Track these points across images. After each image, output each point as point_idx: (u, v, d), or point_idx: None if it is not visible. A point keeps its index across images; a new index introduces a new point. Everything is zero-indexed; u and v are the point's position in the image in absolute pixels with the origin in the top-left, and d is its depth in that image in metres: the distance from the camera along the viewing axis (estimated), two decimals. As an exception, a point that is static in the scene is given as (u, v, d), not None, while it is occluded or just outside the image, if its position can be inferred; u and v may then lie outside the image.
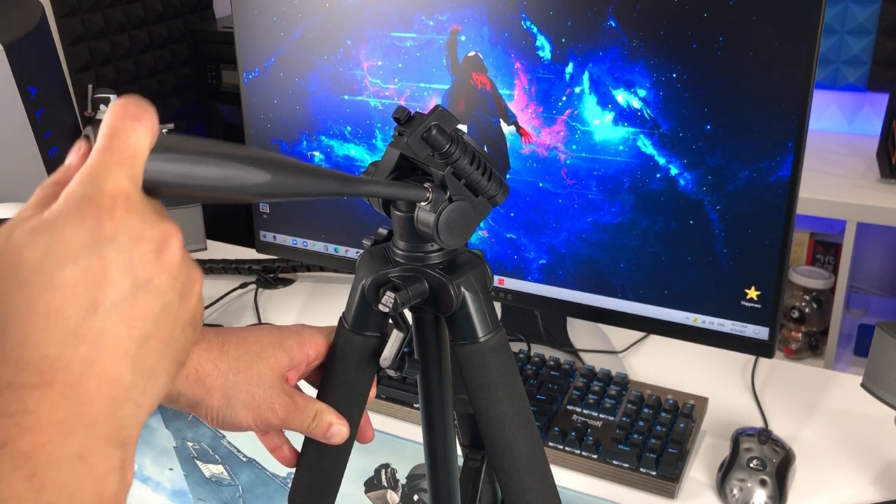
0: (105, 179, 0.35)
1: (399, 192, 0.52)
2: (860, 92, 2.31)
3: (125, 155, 0.36)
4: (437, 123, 0.52)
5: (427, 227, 0.53)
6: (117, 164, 0.36)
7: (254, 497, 0.96)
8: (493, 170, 0.55)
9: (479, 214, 0.55)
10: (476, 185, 0.54)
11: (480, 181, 0.54)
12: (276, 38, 1.08)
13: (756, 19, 0.80)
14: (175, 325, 0.37)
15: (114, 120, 0.37)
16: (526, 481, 0.58)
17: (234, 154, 0.42)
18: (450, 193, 0.53)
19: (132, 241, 0.35)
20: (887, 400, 0.86)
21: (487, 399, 0.57)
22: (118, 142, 0.36)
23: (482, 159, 0.54)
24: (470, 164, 0.53)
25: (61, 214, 0.34)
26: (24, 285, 0.32)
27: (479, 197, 0.54)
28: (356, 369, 0.60)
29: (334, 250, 1.16)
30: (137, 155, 0.37)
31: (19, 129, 1.20)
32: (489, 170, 0.54)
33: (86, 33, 2.56)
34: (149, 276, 0.35)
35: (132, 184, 0.36)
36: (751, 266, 0.89)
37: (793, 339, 2.29)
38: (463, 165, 0.53)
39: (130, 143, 0.36)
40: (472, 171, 0.53)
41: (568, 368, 1.07)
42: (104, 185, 0.35)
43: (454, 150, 0.52)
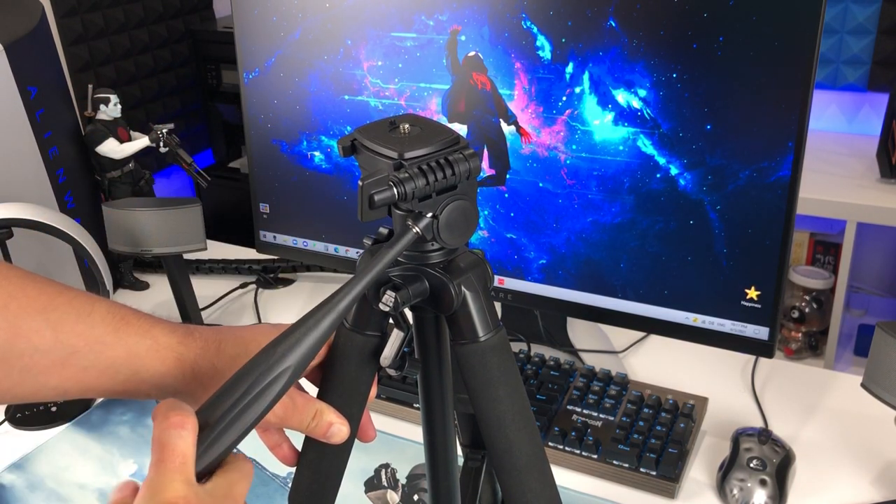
0: (164, 490, 0.42)
1: (396, 252, 0.51)
2: (860, 92, 2.31)
3: (176, 463, 0.43)
4: (371, 195, 0.50)
5: (431, 239, 0.53)
6: (171, 472, 0.43)
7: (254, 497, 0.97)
8: (448, 156, 0.52)
9: (471, 199, 0.54)
10: (447, 186, 0.52)
11: (446, 180, 0.52)
12: (276, 38, 1.08)
13: (756, 19, 0.80)
14: None
15: (161, 432, 0.44)
16: (526, 481, 0.58)
17: (260, 384, 0.47)
18: (431, 213, 0.52)
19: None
20: (887, 400, 0.86)
21: (488, 398, 0.57)
22: (168, 453, 0.43)
23: (431, 161, 0.52)
24: (425, 181, 0.51)
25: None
26: None
27: (458, 186, 0.53)
28: (356, 369, 0.60)
29: (334, 250, 1.16)
30: (187, 460, 0.44)
31: (19, 129, 1.20)
32: (445, 161, 0.52)
33: (86, 33, 2.56)
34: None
35: (187, 486, 0.43)
36: (751, 266, 0.89)
37: (793, 339, 2.29)
38: (421, 189, 0.51)
39: (179, 451, 0.43)
40: (433, 184, 0.51)
41: (568, 368, 1.07)
42: (164, 496, 0.42)
43: (403, 190, 0.50)
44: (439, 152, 0.52)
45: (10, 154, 1.20)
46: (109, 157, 1.34)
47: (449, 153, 0.52)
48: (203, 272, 1.46)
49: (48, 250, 1.25)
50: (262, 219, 1.21)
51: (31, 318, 0.53)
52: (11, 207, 1.06)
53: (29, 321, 0.53)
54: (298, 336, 0.48)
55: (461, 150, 0.53)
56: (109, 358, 0.55)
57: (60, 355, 0.54)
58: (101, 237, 1.18)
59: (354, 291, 0.49)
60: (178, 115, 3.00)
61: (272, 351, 0.47)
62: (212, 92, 2.91)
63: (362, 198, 0.50)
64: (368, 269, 0.50)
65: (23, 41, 1.20)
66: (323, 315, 0.48)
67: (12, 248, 1.10)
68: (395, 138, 0.53)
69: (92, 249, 1.10)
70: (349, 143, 0.55)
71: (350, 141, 0.55)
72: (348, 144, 0.55)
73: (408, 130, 0.54)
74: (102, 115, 1.34)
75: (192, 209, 1.17)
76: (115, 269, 1.40)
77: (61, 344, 0.54)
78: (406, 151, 0.52)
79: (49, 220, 1.06)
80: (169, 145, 1.35)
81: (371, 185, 0.50)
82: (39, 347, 0.53)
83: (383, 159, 0.52)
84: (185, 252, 1.18)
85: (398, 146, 0.52)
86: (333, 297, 0.49)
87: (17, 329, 0.52)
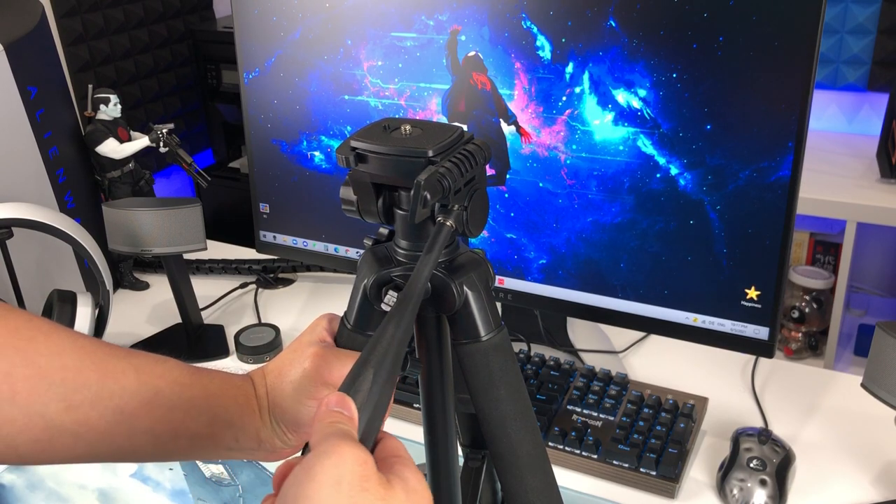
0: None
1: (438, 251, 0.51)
2: (860, 92, 2.31)
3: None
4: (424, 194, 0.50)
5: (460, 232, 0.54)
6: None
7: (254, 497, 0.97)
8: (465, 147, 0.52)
9: (483, 187, 0.55)
10: (471, 176, 0.53)
11: (470, 170, 0.53)
12: (276, 38, 1.08)
13: (756, 19, 0.80)
14: None
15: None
16: (528, 480, 0.58)
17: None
18: (458, 205, 0.52)
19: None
20: (887, 400, 0.86)
21: (490, 398, 0.57)
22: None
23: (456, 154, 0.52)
24: (459, 173, 0.51)
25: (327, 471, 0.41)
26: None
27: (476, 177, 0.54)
28: None
29: (334, 250, 1.16)
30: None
31: (19, 129, 1.20)
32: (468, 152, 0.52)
33: (86, 33, 2.56)
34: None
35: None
36: (751, 266, 0.89)
37: (793, 339, 2.29)
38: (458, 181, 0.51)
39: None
40: (465, 175, 0.52)
41: (568, 368, 1.07)
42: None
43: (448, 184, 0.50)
44: (457, 145, 0.53)
45: (10, 154, 1.20)
46: (109, 157, 1.34)
47: (464, 144, 0.53)
48: (203, 272, 1.46)
49: (48, 250, 1.25)
50: (262, 219, 1.21)
51: (117, 360, 0.56)
52: (11, 207, 1.06)
53: (115, 362, 0.56)
54: (382, 352, 0.46)
55: (471, 140, 0.54)
56: (190, 399, 0.58)
57: (146, 395, 0.56)
58: (101, 237, 1.18)
59: (414, 297, 0.48)
60: (178, 115, 3.00)
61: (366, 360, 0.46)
62: (212, 92, 2.91)
63: (418, 197, 0.49)
64: (417, 276, 0.49)
65: (23, 41, 1.20)
66: (394, 326, 0.47)
67: (12, 248, 1.10)
68: (405, 139, 0.53)
69: (92, 249, 1.10)
70: (353, 154, 0.54)
71: (352, 151, 0.54)
72: (352, 155, 0.54)
73: (409, 132, 0.54)
74: (102, 115, 1.34)
75: (192, 209, 1.17)
76: (115, 269, 1.40)
77: (145, 385, 0.57)
78: (430, 148, 0.52)
79: (49, 220, 1.06)
80: (169, 145, 1.35)
81: (426, 183, 0.49)
82: (127, 388, 0.56)
83: (409, 159, 0.52)
84: (185, 252, 1.19)
85: (418, 144, 0.52)
86: (398, 308, 0.48)
87: (105, 370, 0.55)
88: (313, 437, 0.42)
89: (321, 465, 0.40)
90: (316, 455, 0.40)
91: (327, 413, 0.43)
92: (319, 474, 0.39)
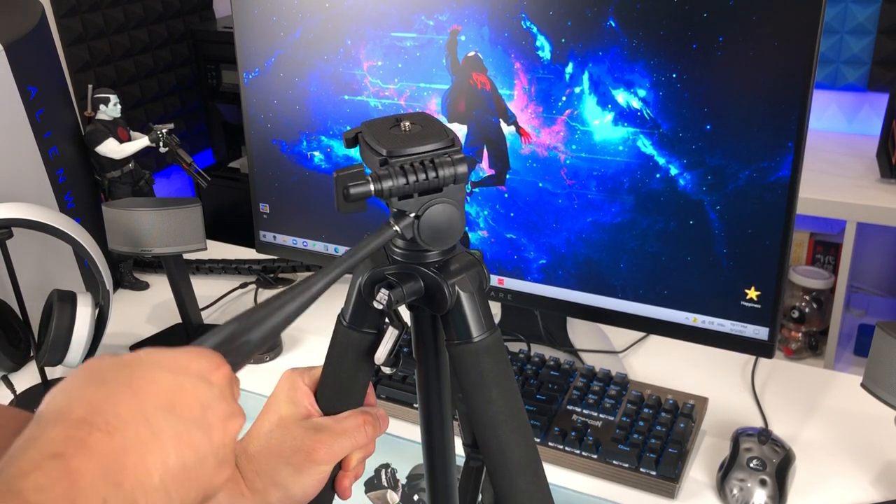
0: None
1: (370, 247, 0.52)
2: (860, 92, 2.31)
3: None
4: (347, 187, 0.50)
5: (411, 238, 0.53)
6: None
7: (254, 497, 0.97)
8: (434, 158, 0.52)
9: (456, 204, 0.53)
10: (429, 187, 0.52)
11: (428, 181, 0.52)
12: (276, 38, 1.08)
13: (756, 19, 0.80)
14: (212, 464, 0.42)
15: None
16: (518, 482, 0.58)
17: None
18: (413, 213, 0.52)
19: (221, 396, 0.43)
20: (887, 400, 0.86)
21: (481, 399, 0.57)
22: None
23: (416, 161, 0.52)
24: (405, 180, 0.51)
25: (184, 349, 0.44)
26: (129, 367, 0.41)
27: (444, 189, 0.53)
28: (353, 365, 0.60)
29: (334, 250, 1.16)
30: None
31: (19, 129, 1.20)
32: (431, 163, 0.52)
33: (86, 33, 2.56)
34: (212, 426, 0.42)
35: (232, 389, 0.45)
36: (751, 266, 0.89)
37: (793, 339, 2.29)
38: (400, 187, 0.51)
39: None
40: (413, 184, 0.51)
41: (568, 368, 1.07)
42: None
43: (381, 186, 0.51)
44: (427, 153, 0.52)
45: (10, 154, 1.20)
46: (109, 157, 1.34)
47: (437, 156, 0.52)
48: (203, 272, 1.46)
49: (48, 250, 1.25)
50: (262, 219, 1.21)
51: None
52: (11, 207, 1.06)
53: None
54: (262, 316, 0.48)
55: (451, 154, 0.52)
56: None
57: None
58: (101, 237, 1.18)
59: (323, 281, 0.50)
60: (178, 115, 3.00)
61: (232, 326, 0.47)
62: (212, 92, 2.91)
63: (337, 189, 0.51)
64: (341, 259, 0.51)
65: (23, 41, 1.20)
66: (288, 300, 0.49)
67: (12, 248, 1.10)
68: (393, 136, 0.54)
69: (92, 249, 1.10)
70: (353, 136, 0.55)
71: (354, 134, 0.55)
72: (351, 137, 0.55)
73: (408, 129, 0.54)
74: (102, 115, 1.34)
75: (192, 209, 1.17)
76: (115, 269, 1.40)
77: None
78: (394, 149, 0.52)
79: (49, 220, 1.06)
80: (169, 145, 1.35)
81: (346, 177, 0.51)
82: None
83: (373, 155, 0.53)
84: (185, 252, 1.18)
85: (389, 143, 0.53)
86: (302, 284, 0.49)
87: None
88: None
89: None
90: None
91: None
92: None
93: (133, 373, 0.41)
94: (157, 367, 0.42)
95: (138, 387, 0.40)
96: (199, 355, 0.44)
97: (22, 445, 0.36)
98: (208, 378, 0.43)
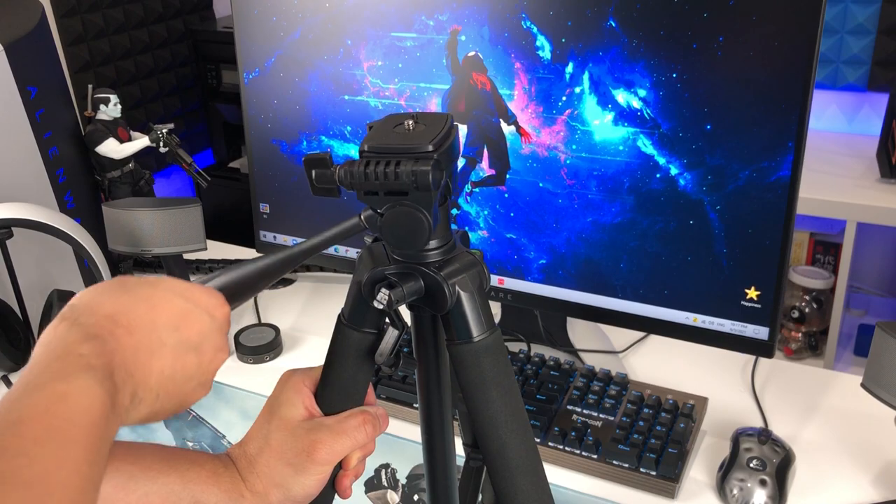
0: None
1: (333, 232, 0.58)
2: (860, 92, 2.31)
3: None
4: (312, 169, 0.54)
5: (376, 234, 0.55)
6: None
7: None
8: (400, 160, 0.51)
9: (420, 210, 0.52)
10: (393, 188, 0.52)
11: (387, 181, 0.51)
12: (276, 38, 1.08)
13: (756, 19, 0.80)
14: (193, 383, 0.49)
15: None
16: (518, 482, 0.58)
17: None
18: (379, 210, 0.53)
19: (218, 330, 0.50)
20: (887, 400, 0.86)
21: (481, 399, 0.57)
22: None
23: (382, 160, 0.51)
24: (364, 177, 0.51)
25: (198, 285, 0.52)
26: (150, 286, 0.48)
27: (410, 194, 0.52)
28: (353, 365, 0.60)
29: (334, 250, 1.16)
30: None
31: (19, 129, 1.20)
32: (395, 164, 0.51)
33: (86, 33, 2.56)
34: (205, 353, 0.49)
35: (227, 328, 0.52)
36: (751, 266, 0.89)
37: (793, 339, 2.29)
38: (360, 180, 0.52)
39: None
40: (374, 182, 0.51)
41: (568, 368, 1.07)
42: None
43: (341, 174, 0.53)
44: (397, 155, 0.52)
45: (10, 154, 1.20)
46: (109, 157, 1.34)
47: (405, 159, 0.51)
48: (203, 272, 1.46)
49: (48, 250, 1.25)
50: (262, 219, 1.21)
51: None
52: (11, 207, 1.06)
53: None
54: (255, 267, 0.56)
55: (420, 160, 0.51)
56: (166, 483, 0.57)
57: (119, 481, 0.56)
58: (101, 237, 1.18)
59: (289, 252, 0.57)
60: (178, 115, 3.00)
61: (234, 272, 0.56)
62: (212, 92, 2.91)
63: (307, 172, 0.54)
64: (310, 239, 0.57)
65: (23, 41, 1.20)
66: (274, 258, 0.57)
67: (12, 248, 1.10)
68: (384, 131, 0.54)
69: (92, 249, 1.10)
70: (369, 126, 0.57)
71: (370, 124, 0.57)
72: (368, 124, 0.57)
73: (410, 127, 0.54)
74: (102, 115, 1.34)
75: (192, 209, 1.17)
76: (115, 269, 1.40)
77: (118, 471, 0.56)
78: (369, 144, 0.53)
79: (49, 220, 1.06)
80: (169, 145, 1.35)
81: (311, 161, 0.54)
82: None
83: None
84: (185, 252, 1.18)
85: (370, 138, 0.53)
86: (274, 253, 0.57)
87: None
88: None
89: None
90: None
91: None
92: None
93: (153, 292, 0.48)
94: (173, 292, 0.48)
95: (155, 303, 0.47)
96: (210, 293, 0.51)
97: (65, 325, 0.43)
98: (212, 313, 0.50)
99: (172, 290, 0.49)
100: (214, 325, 0.50)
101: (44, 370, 0.40)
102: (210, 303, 0.50)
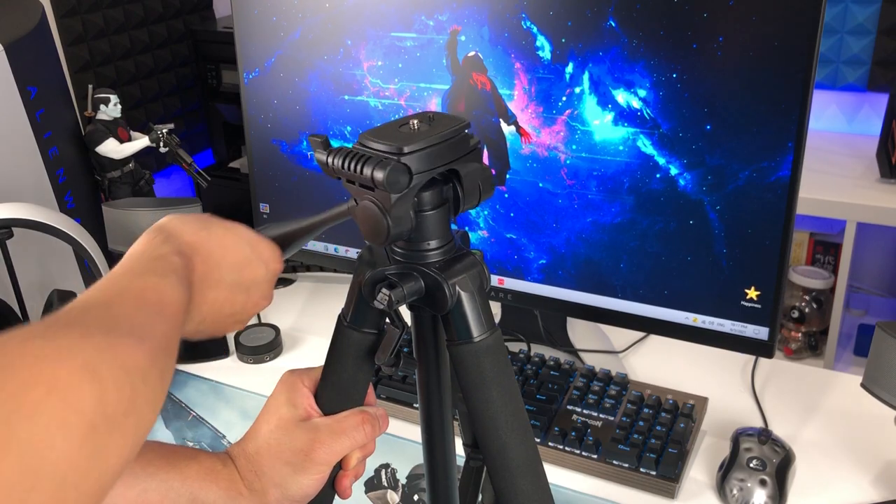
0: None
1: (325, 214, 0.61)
2: (860, 92, 2.31)
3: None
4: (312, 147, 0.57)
5: None
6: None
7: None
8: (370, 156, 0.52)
9: (381, 208, 0.53)
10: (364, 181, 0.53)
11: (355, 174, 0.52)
12: (276, 38, 1.08)
13: (756, 19, 0.80)
14: (234, 318, 0.57)
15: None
16: (519, 483, 0.58)
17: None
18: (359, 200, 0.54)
19: (268, 281, 0.58)
20: (887, 400, 0.86)
21: (481, 399, 0.57)
22: None
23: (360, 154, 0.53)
24: (341, 165, 0.54)
25: (265, 240, 0.59)
26: (226, 229, 0.56)
27: (375, 190, 0.53)
28: (353, 365, 0.60)
29: (334, 250, 1.16)
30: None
31: (19, 129, 1.20)
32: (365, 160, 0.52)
33: (86, 33, 2.56)
34: (251, 297, 0.57)
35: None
36: (751, 266, 0.89)
37: (793, 339, 2.29)
38: (338, 167, 0.54)
39: None
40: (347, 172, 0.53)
41: (568, 368, 1.07)
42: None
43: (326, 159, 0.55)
44: (375, 152, 0.53)
45: (10, 154, 1.20)
46: (109, 157, 1.34)
47: (378, 157, 0.52)
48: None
49: (48, 250, 1.25)
50: (262, 219, 1.21)
51: None
52: (11, 207, 1.06)
53: None
54: (301, 224, 0.63)
55: (389, 159, 0.52)
56: (165, 480, 0.58)
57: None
58: (101, 237, 1.18)
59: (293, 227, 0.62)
60: (178, 115, 3.00)
61: (288, 226, 0.63)
62: (212, 92, 2.91)
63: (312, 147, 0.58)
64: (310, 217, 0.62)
65: (23, 41, 1.20)
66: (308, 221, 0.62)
67: (12, 248, 1.10)
68: (388, 128, 0.55)
69: (92, 249, 1.10)
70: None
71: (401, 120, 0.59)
72: None
73: (416, 126, 0.54)
74: (102, 115, 1.34)
75: (192, 209, 1.17)
76: (115, 269, 1.40)
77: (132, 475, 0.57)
78: (361, 137, 0.54)
79: (49, 220, 1.06)
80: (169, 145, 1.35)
81: (313, 140, 0.57)
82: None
83: None
84: (185, 252, 1.18)
85: (367, 132, 0.54)
86: (318, 213, 0.62)
87: None
88: None
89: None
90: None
91: None
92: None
93: (227, 235, 0.56)
94: (243, 239, 0.56)
95: (227, 245, 0.55)
96: (272, 248, 0.58)
97: (160, 238, 0.51)
98: (268, 264, 0.57)
99: (242, 238, 0.56)
100: (268, 276, 0.57)
101: (142, 264, 0.48)
102: (269, 255, 0.58)
